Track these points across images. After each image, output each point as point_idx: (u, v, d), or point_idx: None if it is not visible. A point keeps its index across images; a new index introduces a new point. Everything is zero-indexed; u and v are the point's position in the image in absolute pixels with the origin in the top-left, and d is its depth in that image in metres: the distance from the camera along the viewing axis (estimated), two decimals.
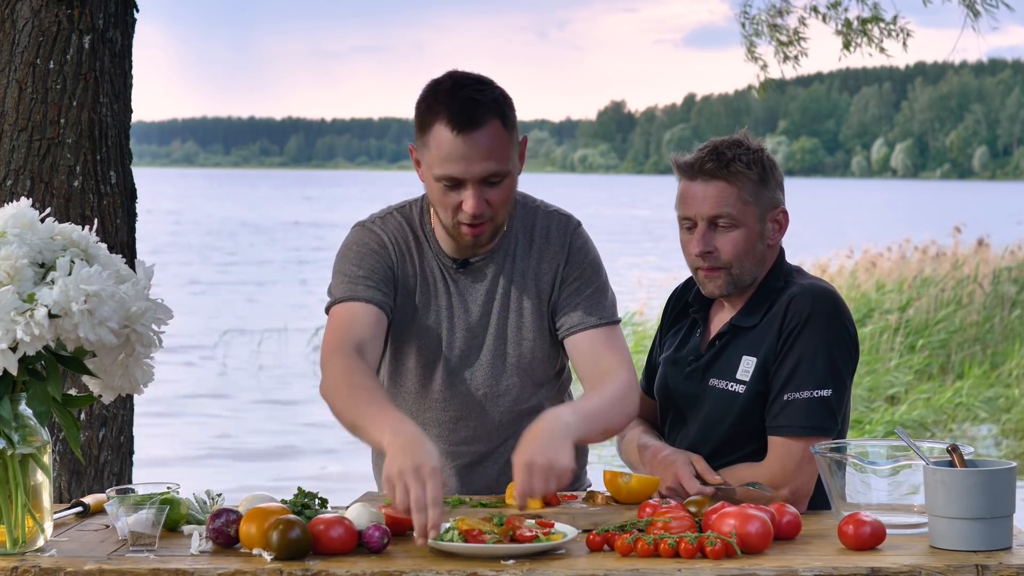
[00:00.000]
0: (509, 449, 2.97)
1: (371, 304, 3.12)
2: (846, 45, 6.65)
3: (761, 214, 3.18)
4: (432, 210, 3.20)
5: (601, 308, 3.18)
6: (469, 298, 3.21)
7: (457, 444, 3.26)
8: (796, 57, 6.77)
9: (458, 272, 3.21)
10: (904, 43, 6.61)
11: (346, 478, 9.45)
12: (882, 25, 6.61)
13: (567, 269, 3.19)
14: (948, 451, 2.68)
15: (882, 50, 6.65)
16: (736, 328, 3.20)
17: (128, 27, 4.23)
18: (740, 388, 3.14)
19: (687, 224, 3.19)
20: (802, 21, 6.74)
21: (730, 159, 3.13)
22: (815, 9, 6.71)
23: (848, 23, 6.64)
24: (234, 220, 46.97)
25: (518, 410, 3.23)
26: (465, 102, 3.01)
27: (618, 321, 3.21)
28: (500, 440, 3.25)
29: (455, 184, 3.03)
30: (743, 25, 6.82)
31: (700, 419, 3.20)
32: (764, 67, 6.84)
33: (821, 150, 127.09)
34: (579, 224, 3.26)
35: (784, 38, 6.73)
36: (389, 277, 3.17)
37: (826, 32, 6.71)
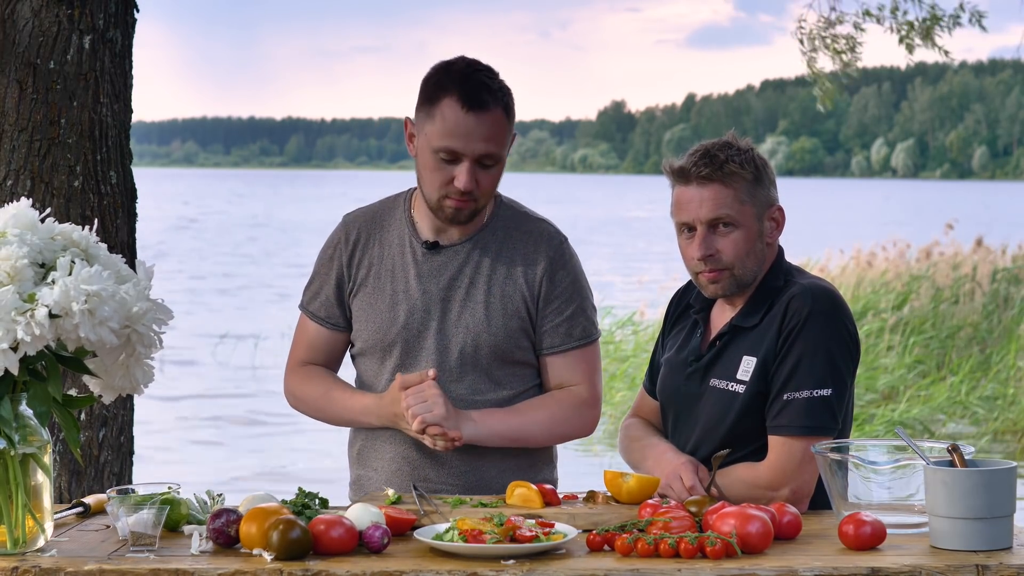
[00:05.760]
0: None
1: (321, 325, 3.44)
2: (909, 49, 6.62)
3: (758, 213, 3.18)
4: (416, 191, 3.36)
5: (579, 329, 3.34)
6: (431, 280, 3.31)
7: None
8: (850, 64, 6.76)
9: (425, 253, 3.33)
10: (980, 23, 6.55)
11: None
12: (943, 23, 6.58)
13: (551, 286, 3.30)
14: (948, 451, 2.68)
15: (946, 53, 6.63)
16: (736, 328, 3.20)
17: (128, 27, 4.23)
18: (740, 388, 3.14)
19: (685, 229, 3.19)
20: (857, 27, 6.72)
21: (723, 161, 3.13)
22: (868, 13, 6.69)
23: (911, 25, 6.62)
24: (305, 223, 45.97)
25: (471, 399, 3.29)
26: (477, 84, 3.19)
27: (595, 338, 3.36)
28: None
29: (452, 159, 3.19)
30: (801, 42, 6.79)
31: (701, 419, 3.20)
32: (824, 78, 6.82)
33: (821, 150, 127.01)
34: (566, 239, 3.37)
35: (840, 47, 6.72)
36: (342, 279, 3.40)
37: (879, 34, 6.70)
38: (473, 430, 3.21)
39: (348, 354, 3.51)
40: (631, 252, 32.64)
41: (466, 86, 3.18)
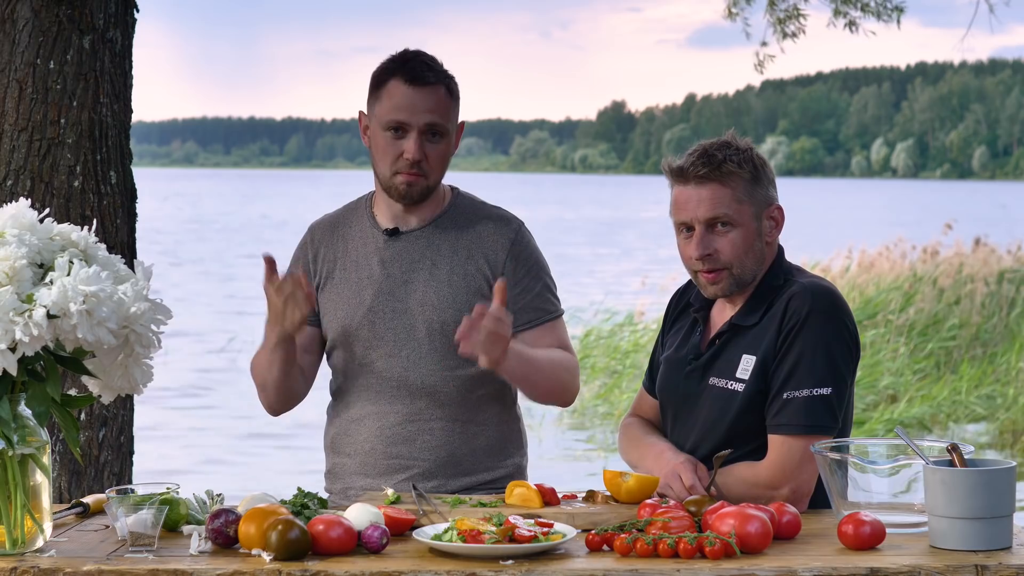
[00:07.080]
0: (434, 413, 3.38)
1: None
2: (836, 12, 6.59)
3: (757, 212, 3.18)
4: (374, 187, 3.51)
5: (547, 304, 3.47)
6: (394, 264, 3.43)
7: (385, 403, 3.42)
8: (794, 33, 6.73)
9: (387, 240, 3.46)
10: (898, 21, 6.54)
11: None
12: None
13: (516, 265, 3.44)
14: (948, 450, 2.68)
15: (877, 15, 6.58)
16: (736, 327, 3.20)
17: (128, 27, 4.23)
18: (739, 387, 3.14)
19: (684, 229, 3.19)
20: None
21: (721, 160, 3.14)
22: None
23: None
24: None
25: (442, 374, 3.39)
26: (419, 64, 3.43)
27: (561, 313, 3.51)
28: (426, 403, 3.40)
29: (401, 131, 3.38)
30: (729, 11, 6.77)
31: (700, 418, 3.20)
32: (764, 44, 6.81)
33: (821, 150, 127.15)
34: (523, 222, 3.51)
35: (781, 14, 6.70)
36: (308, 275, 3.50)
37: (823, 15, 6.68)
38: (518, 345, 3.27)
39: (324, 355, 3.54)
40: (638, 254, 32.63)
41: (408, 66, 3.41)
